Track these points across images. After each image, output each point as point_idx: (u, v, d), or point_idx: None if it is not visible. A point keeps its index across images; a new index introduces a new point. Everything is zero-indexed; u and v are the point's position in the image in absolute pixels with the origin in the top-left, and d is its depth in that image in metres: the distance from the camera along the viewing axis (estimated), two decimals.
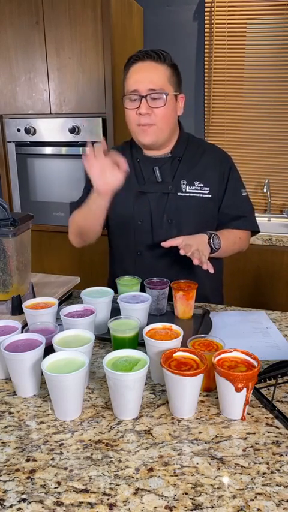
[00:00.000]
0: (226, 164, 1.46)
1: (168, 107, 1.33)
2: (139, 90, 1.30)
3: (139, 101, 1.30)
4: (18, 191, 2.66)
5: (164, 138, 1.38)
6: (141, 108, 1.30)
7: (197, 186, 1.40)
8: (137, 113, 1.32)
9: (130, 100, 1.33)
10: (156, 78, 1.30)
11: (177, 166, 1.42)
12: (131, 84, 1.32)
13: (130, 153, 1.47)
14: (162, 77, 1.31)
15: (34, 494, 0.67)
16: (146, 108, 1.30)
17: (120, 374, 0.80)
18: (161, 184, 1.40)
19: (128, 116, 1.36)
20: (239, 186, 1.48)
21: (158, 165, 1.41)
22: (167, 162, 1.42)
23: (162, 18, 2.73)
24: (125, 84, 1.36)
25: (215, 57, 2.67)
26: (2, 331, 0.99)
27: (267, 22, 2.55)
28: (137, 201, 1.42)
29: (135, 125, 1.35)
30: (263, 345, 1.12)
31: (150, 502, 0.65)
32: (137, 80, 1.31)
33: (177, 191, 1.39)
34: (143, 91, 1.30)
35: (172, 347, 0.91)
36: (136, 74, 1.32)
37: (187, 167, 1.42)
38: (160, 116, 1.32)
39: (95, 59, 2.30)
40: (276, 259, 2.33)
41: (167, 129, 1.37)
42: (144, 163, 1.43)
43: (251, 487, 0.67)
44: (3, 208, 1.12)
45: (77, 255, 2.61)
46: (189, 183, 1.40)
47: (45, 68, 2.41)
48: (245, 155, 2.77)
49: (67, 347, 0.91)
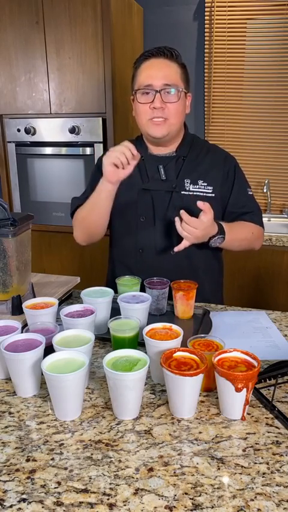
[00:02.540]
0: (230, 164, 1.47)
1: (180, 102, 1.36)
2: (153, 85, 1.32)
3: (153, 95, 1.32)
4: (18, 191, 2.66)
5: (174, 133, 1.40)
6: (155, 103, 1.32)
7: (200, 185, 1.41)
8: (150, 107, 1.33)
9: (143, 94, 1.34)
10: (170, 74, 1.33)
11: (181, 165, 1.43)
12: (144, 79, 1.34)
13: None
14: (175, 73, 1.34)
15: (34, 494, 0.67)
16: (160, 102, 1.32)
17: (120, 374, 0.80)
18: (165, 182, 1.41)
19: (139, 110, 1.37)
20: (245, 185, 1.49)
21: (163, 164, 1.42)
22: (171, 161, 1.43)
23: (162, 18, 2.73)
24: (136, 80, 1.38)
25: (215, 57, 2.67)
26: (2, 331, 0.99)
27: (267, 22, 2.55)
28: (140, 198, 1.43)
29: (147, 119, 1.36)
30: (263, 345, 1.12)
31: (150, 502, 0.65)
32: (151, 75, 1.33)
33: (180, 190, 1.40)
34: (157, 86, 1.32)
35: (172, 347, 0.91)
36: (150, 69, 1.34)
37: (191, 166, 1.43)
38: (173, 110, 1.34)
39: (95, 59, 2.30)
40: (276, 259, 2.33)
41: (178, 124, 1.39)
42: (149, 161, 1.44)
43: (251, 487, 0.67)
44: (3, 208, 1.12)
45: (77, 255, 2.61)
46: (193, 182, 1.41)
47: (45, 68, 2.41)
48: (245, 155, 2.77)
49: (67, 347, 0.91)
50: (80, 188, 2.31)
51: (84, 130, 2.41)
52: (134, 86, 1.39)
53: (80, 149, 2.44)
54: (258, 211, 1.50)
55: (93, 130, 2.39)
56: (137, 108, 1.38)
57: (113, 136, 2.38)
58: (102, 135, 2.38)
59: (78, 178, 2.49)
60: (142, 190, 1.43)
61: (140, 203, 1.42)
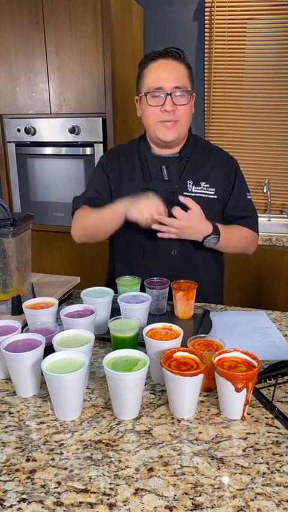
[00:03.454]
0: (232, 166, 1.48)
1: (190, 104, 1.36)
2: (164, 87, 1.31)
3: (163, 98, 1.31)
4: (18, 191, 2.66)
5: (183, 135, 1.40)
6: (166, 106, 1.31)
7: (203, 186, 1.42)
8: (161, 110, 1.32)
9: (153, 97, 1.33)
10: (179, 76, 1.32)
11: (184, 166, 1.43)
12: (154, 81, 1.32)
13: (138, 151, 1.48)
14: (183, 75, 1.34)
15: (34, 494, 0.67)
16: (171, 105, 1.31)
17: (120, 374, 0.80)
18: (168, 183, 1.41)
19: (149, 113, 1.36)
20: (244, 189, 1.49)
21: (166, 164, 1.42)
22: (174, 162, 1.43)
23: (162, 18, 2.73)
24: (143, 81, 1.36)
25: (215, 57, 2.67)
26: (2, 331, 0.99)
27: (267, 22, 2.55)
28: None
29: (156, 121, 1.35)
30: (263, 345, 1.12)
31: (150, 502, 0.65)
32: (161, 77, 1.31)
33: (183, 190, 1.40)
34: (168, 88, 1.31)
35: (172, 347, 0.91)
36: (159, 71, 1.32)
37: (194, 167, 1.43)
38: (183, 113, 1.34)
39: (95, 59, 2.30)
40: (276, 259, 2.33)
41: (187, 126, 1.40)
42: (152, 162, 1.44)
43: (251, 487, 0.67)
44: (3, 208, 1.12)
45: (77, 255, 2.61)
46: (195, 183, 1.41)
47: (45, 68, 2.41)
48: (245, 155, 2.77)
49: (67, 347, 0.91)
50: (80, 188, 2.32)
51: (84, 130, 2.40)
52: (142, 88, 1.37)
53: (80, 149, 2.44)
54: (255, 216, 1.50)
55: (93, 130, 2.39)
56: (146, 110, 1.36)
57: (113, 136, 2.38)
58: (102, 135, 2.38)
59: (78, 178, 2.49)
60: (144, 190, 1.41)
61: None
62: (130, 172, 1.46)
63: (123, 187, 1.45)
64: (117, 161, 1.49)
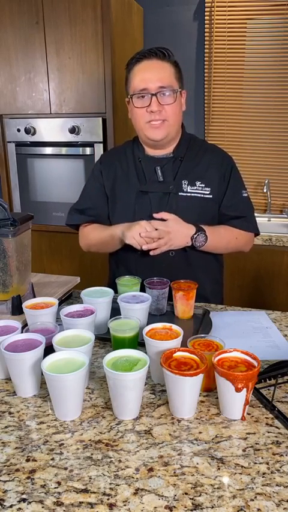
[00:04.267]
0: (227, 165, 1.46)
1: (177, 103, 1.35)
2: (148, 88, 1.32)
3: (149, 99, 1.32)
4: (18, 191, 2.66)
5: (173, 134, 1.40)
6: (152, 106, 1.32)
7: (198, 186, 1.41)
8: (147, 111, 1.33)
9: (139, 98, 1.34)
10: (164, 76, 1.32)
11: (178, 166, 1.42)
12: (139, 83, 1.33)
13: (132, 152, 1.48)
14: (169, 74, 1.33)
15: (34, 494, 0.67)
16: (156, 105, 1.32)
17: (120, 374, 0.80)
18: (163, 184, 1.40)
19: (136, 114, 1.37)
20: (239, 187, 1.47)
21: (160, 165, 1.41)
22: (168, 162, 1.42)
23: (162, 18, 2.73)
24: (130, 83, 1.36)
25: (215, 57, 2.67)
26: (2, 331, 0.99)
27: (267, 22, 2.55)
28: (138, 201, 1.42)
29: (145, 122, 1.36)
30: (263, 345, 1.12)
31: (150, 502, 0.65)
32: (146, 78, 1.32)
33: (178, 191, 1.40)
34: (153, 89, 1.31)
35: (172, 347, 0.91)
36: (143, 72, 1.33)
37: (188, 167, 1.42)
38: (170, 112, 1.34)
39: (95, 59, 2.30)
40: (276, 259, 2.33)
41: (176, 124, 1.39)
42: (146, 163, 1.44)
43: (251, 487, 0.67)
44: (3, 208, 1.12)
45: (77, 255, 2.61)
46: (190, 183, 1.40)
47: (45, 68, 2.41)
48: (245, 155, 2.77)
49: (67, 347, 0.91)
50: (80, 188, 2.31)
51: (84, 130, 2.40)
52: (129, 90, 1.38)
53: (80, 149, 2.44)
54: (251, 215, 1.48)
55: (93, 130, 2.39)
56: (134, 111, 1.37)
57: (113, 136, 2.38)
58: (102, 135, 2.38)
59: (78, 178, 2.49)
60: (139, 192, 1.42)
61: (137, 205, 1.42)
62: (124, 175, 1.46)
63: (119, 190, 1.46)
64: (111, 166, 1.50)
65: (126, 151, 1.50)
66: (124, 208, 1.44)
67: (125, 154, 1.49)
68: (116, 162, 1.49)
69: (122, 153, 1.51)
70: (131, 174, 1.45)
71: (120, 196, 1.44)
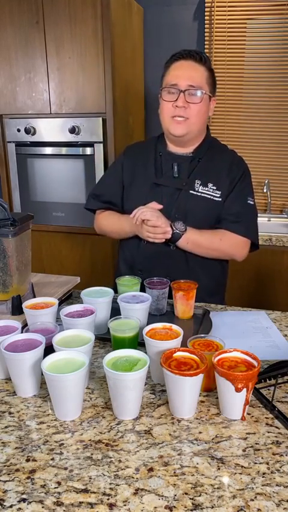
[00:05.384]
0: (239, 170, 1.49)
1: (203, 104, 1.41)
2: (179, 84, 1.38)
3: (177, 95, 1.38)
4: (18, 191, 2.65)
5: (194, 133, 1.44)
6: (179, 101, 1.38)
7: (210, 187, 1.45)
8: (173, 106, 1.39)
9: (168, 93, 1.40)
10: (195, 76, 1.39)
11: (195, 166, 1.47)
12: (171, 79, 1.40)
13: (154, 147, 1.55)
14: (201, 76, 1.40)
15: (34, 494, 0.67)
16: (183, 101, 1.38)
17: (120, 374, 0.80)
18: (177, 180, 1.46)
19: (163, 107, 1.43)
20: (246, 193, 1.48)
21: (178, 162, 1.47)
22: (186, 160, 1.47)
23: (162, 18, 2.73)
24: (164, 79, 1.44)
25: (215, 57, 2.67)
26: (2, 331, 0.99)
27: (267, 22, 2.55)
28: (151, 192, 1.47)
29: (169, 116, 1.42)
30: (263, 345, 1.12)
31: (150, 502, 0.65)
32: (178, 75, 1.39)
33: (190, 189, 1.44)
34: (183, 86, 1.38)
35: (172, 347, 0.91)
36: (177, 70, 1.40)
37: (204, 168, 1.47)
38: (195, 111, 1.40)
39: (95, 58, 2.30)
40: (276, 259, 2.33)
41: (198, 124, 1.43)
42: (165, 158, 1.49)
43: (251, 487, 0.67)
44: (3, 208, 1.12)
45: (77, 255, 2.61)
46: (203, 184, 1.45)
47: (45, 68, 2.41)
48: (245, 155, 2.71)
49: (67, 347, 0.91)
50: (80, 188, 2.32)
51: (84, 130, 2.40)
52: (162, 85, 1.44)
53: (80, 149, 2.44)
54: (248, 221, 1.46)
55: (93, 130, 2.39)
56: (161, 104, 1.44)
57: (113, 136, 2.38)
58: (102, 135, 2.38)
59: (78, 178, 2.49)
60: (153, 184, 1.47)
61: (149, 196, 1.45)
62: (143, 167, 1.52)
63: (136, 179, 1.52)
64: (133, 158, 1.57)
65: (150, 145, 1.57)
66: (137, 196, 1.48)
67: (148, 148, 1.56)
68: (138, 155, 1.57)
69: (146, 146, 1.59)
70: (150, 166, 1.51)
71: (136, 184, 1.51)
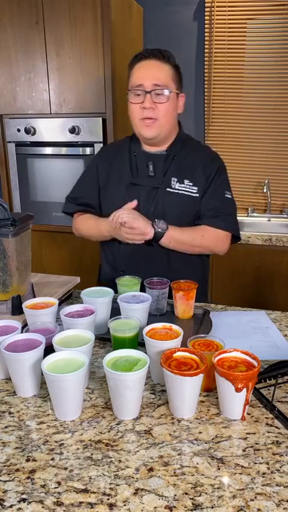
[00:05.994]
0: (214, 165, 1.48)
1: (170, 103, 1.39)
2: (144, 85, 1.36)
3: (143, 96, 1.37)
4: (18, 191, 2.66)
5: (165, 133, 1.44)
6: (145, 103, 1.36)
7: (186, 184, 1.45)
8: (140, 107, 1.38)
9: (135, 95, 1.39)
10: (160, 75, 1.37)
11: (170, 164, 1.47)
12: (136, 80, 1.38)
13: (128, 147, 1.54)
14: (165, 74, 1.38)
15: (34, 494, 0.67)
16: (149, 102, 1.36)
17: (120, 374, 0.80)
18: (153, 178, 1.46)
19: (132, 110, 1.42)
20: (223, 188, 1.48)
21: (153, 161, 1.47)
22: (161, 159, 1.47)
23: (162, 18, 2.73)
24: (129, 80, 1.42)
25: (215, 57, 2.67)
26: (2, 331, 0.99)
27: (267, 22, 2.55)
28: (127, 192, 1.46)
29: (139, 119, 1.41)
30: (263, 345, 1.12)
31: (150, 502, 0.65)
32: (142, 76, 1.37)
33: (166, 186, 1.44)
34: (148, 86, 1.36)
35: (172, 347, 0.91)
36: (141, 70, 1.38)
37: (179, 165, 1.46)
38: (163, 111, 1.38)
39: (95, 59, 2.30)
40: (276, 259, 2.33)
41: (168, 124, 1.43)
42: (140, 158, 1.49)
43: (251, 487, 0.67)
44: (3, 208, 1.12)
45: (77, 255, 2.61)
46: (179, 181, 1.45)
47: (45, 68, 2.41)
48: (245, 155, 2.76)
49: (67, 347, 0.91)
50: None
51: (84, 130, 2.40)
52: (128, 87, 1.43)
53: (80, 149, 2.44)
54: (228, 215, 1.46)
55: (93, 130, 2.39)
56: (130, 107, 1.43)
57: (113, 136, 2.38)
58: (102, 135, 2.38)
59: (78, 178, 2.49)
60: (130, 184, 1.47)
61: (126, 197, 1.45)
62: (119, 167, 1.51)
63: (111, 180, 1.52)
64: (108, 158, 1.56)
65: (124, 146, 1.56)
66: (114, 197, 1.48)
67: (123, 148, 1.56)
68: (113, 155, 1.56)
69: (120, 147, 1.57)
70: (125, 166, 1.50)
71: (112, 186, 1.50)
